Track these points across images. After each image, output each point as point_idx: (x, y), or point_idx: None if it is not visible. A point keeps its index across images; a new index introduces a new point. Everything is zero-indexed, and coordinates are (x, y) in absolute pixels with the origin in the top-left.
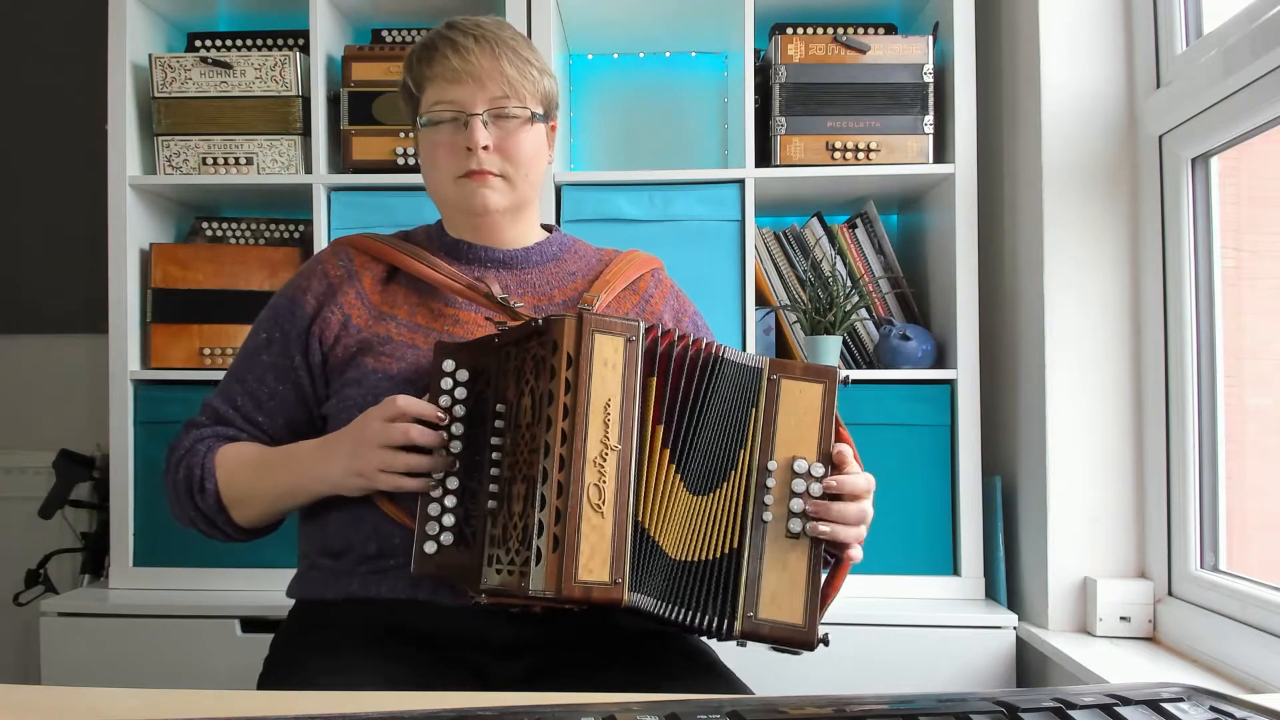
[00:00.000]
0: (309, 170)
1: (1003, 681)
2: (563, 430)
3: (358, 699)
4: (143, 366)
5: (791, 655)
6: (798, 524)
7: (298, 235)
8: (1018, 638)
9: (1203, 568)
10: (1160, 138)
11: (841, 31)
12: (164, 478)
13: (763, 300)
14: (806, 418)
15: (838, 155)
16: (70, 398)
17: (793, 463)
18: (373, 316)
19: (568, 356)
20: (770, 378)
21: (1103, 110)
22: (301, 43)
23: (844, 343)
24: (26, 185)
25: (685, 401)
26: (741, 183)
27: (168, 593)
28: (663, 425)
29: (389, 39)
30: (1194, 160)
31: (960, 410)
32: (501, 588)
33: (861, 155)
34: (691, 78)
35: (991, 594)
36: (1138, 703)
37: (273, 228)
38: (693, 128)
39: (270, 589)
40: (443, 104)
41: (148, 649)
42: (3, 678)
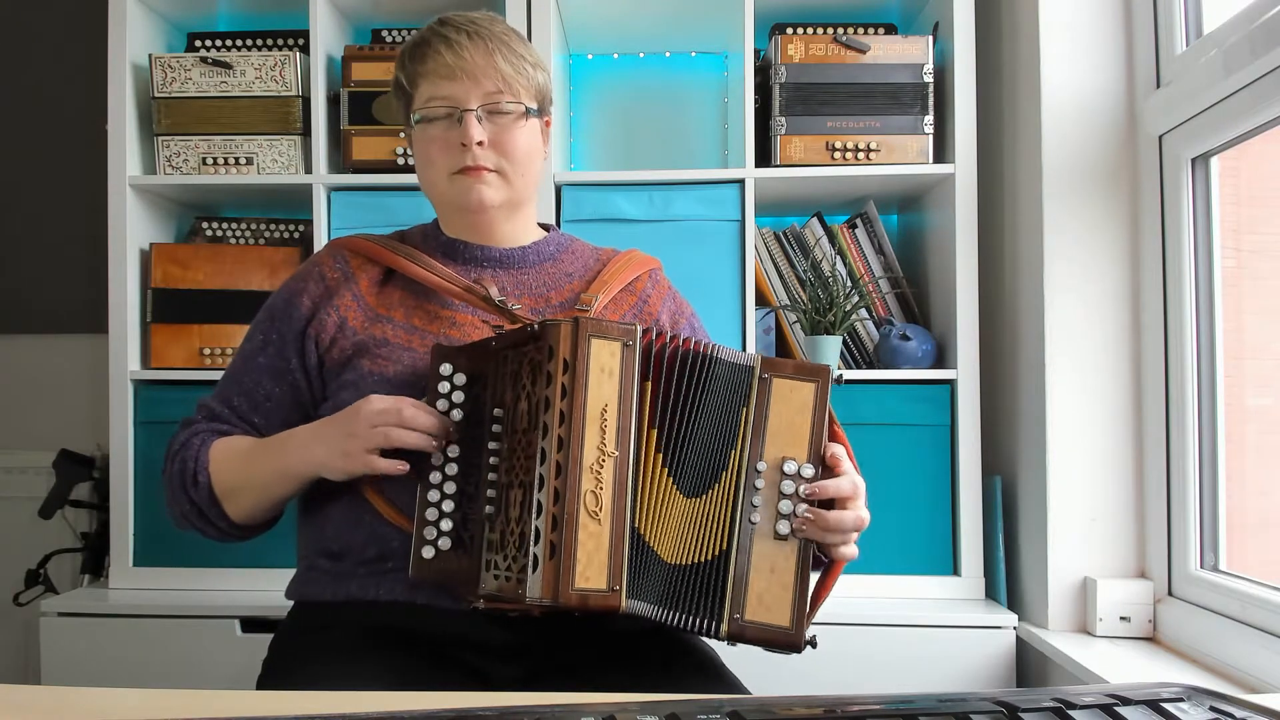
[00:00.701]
0: (309, 170)
1: (1003, 681)
2: (559, 436)
3: (357, 699)
4: (143, 366)
5: (784, 655)
6: (786, 526)
7: (298, 235)
8: (1018, 638)
9: (1203, 568)
10: (1160, 138)
11: (841, 31)
12: (162, 475)
13: (763, 300)
14: (798, 417)
15: (838, 155)
16: (70, 398)
17: (782, 463)
18: (369, 319)
19: (564, 362)
20: (762, 376)
21: (1103, 110)
22: (301, 43)
23: (844, 343)
24: (26, 185)
25: (678, 404)
26: (741, 183)
27: (168, 593)
28: (656, 429)
29: (389, 39)
30: (1194, 160)
31: (960, 410)
32: (499, 594)
33: (861, 155)
34: (691, 78)
35: (991, 594)
36: (1138, 703)
37: (273, 228)
38: (693, 128)
39: (270, 589)
40: (436, 100)
41: (148, 649)
42: (3, 678)
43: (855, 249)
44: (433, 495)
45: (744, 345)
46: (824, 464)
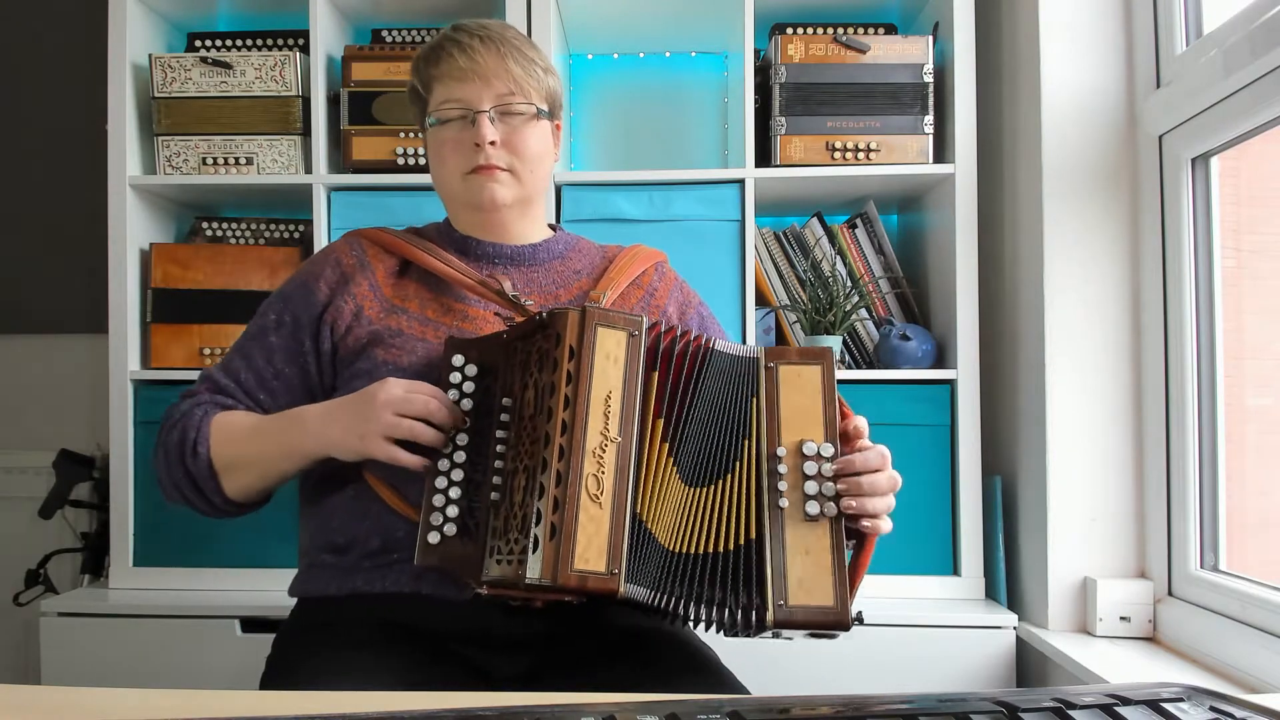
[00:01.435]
0: (309, 170)
1: (1003, 681)
2: (563, 421)
3: (358, 699)
4: (143, 366)
5: (828, 639)
6: (815, 506)
7: (298, 235)
8: (1018, 638)
9: (1202, 568)
10: (1160, 138)
11: (841, 31)
12: (155, 444)
13: (763, 300)
14: (809, 400)
15: (838, 155)
16: (70, 398)
17: (801, 445)
18: (384, 309)
19: (570, 349)
20: (768, 365)
21: (1103, 110)
22: (301, 43)
23: (844, 343)
24: (26, 185)
25: (684, 395)
26: (741, 183)
27: (168, 593)
28: (663, 419)
29: (389, 39)
30: (1194, 160)
31: (960, 410)
32: (501, 578)
33: (861, 155)
34: (691, 78)
35: (991, 594)
36: (1138, 703)
37: (273, 228)
38: (693, 128)
39: (270, 589)
40: (450, 102)
41: (148, 649)
42: (3, 678)
43: (855, 249)
44: (440, 482)
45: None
46: (845, 439)
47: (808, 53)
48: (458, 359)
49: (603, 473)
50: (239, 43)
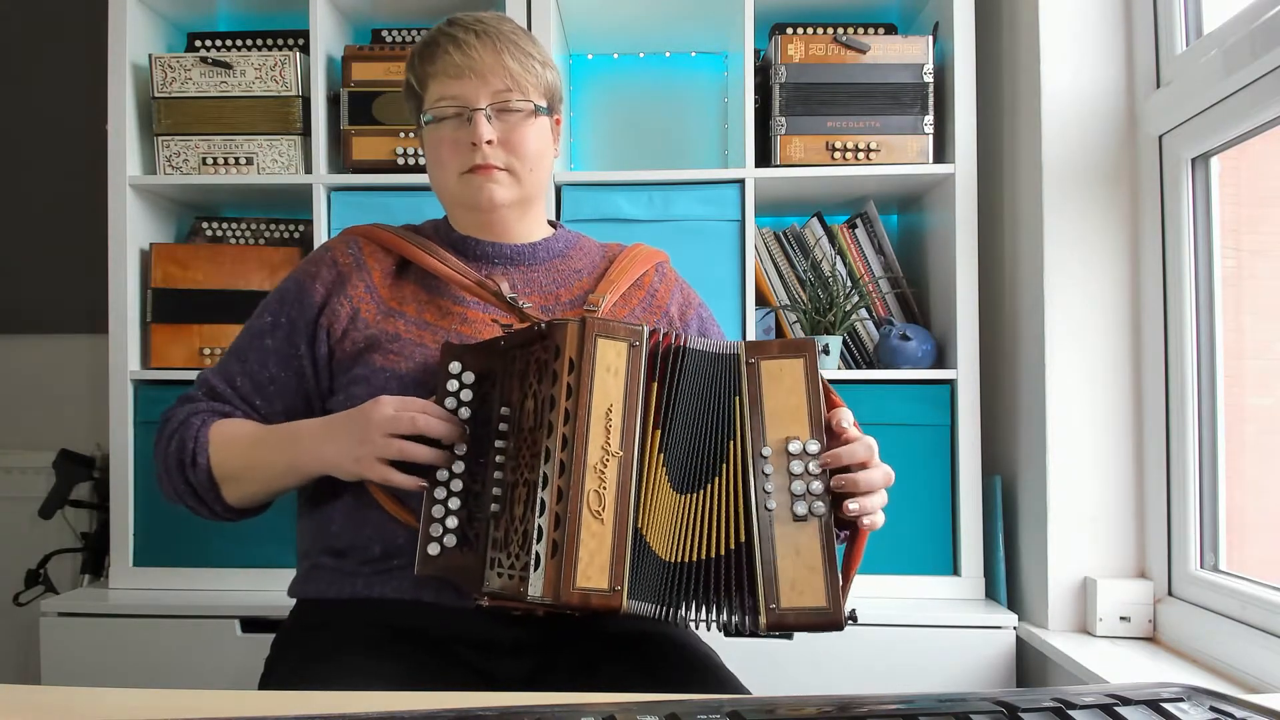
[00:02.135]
0: (309, 170)
1: (1003, 681)
2: (563, 435)
3: (358, 699)
4: (143, 366)
5: (835, 631)
6: (803, 506)
7: (298, 235)
8: (1018, 638)
9: (1202, 568)
10: (1160, 138)
11: (841, 31)
12: (154, 449)
13: (763, 300)
14: (792, 396)
15: (838, 155)
16: (70, 398)
17: (787, 444)
18: (381, 312)
19: (570, 361)
20: (748, 361)
21: (1103, 110)
22: (301, 43)
23: (844, 343)
24: (26, 185)
25: (669, 400)
26: (741, 183)
27: (168, 593)
28: (661, 430)
29: (389, 39)
30: (1194, 160)
31: (960, 410)
32: (502, 591)
33: (861, 155)
34: (691, 78)
35: (991, 594)
36: (1138, 703)
37: (273, 228)
38: (693, 128)
39: (270, 589)
40: (446, 100)
41: (148, 649)
42: (3, 678)
43: (855, 249)
44: (439, 493)
45: None
46: (830, 433)
47: (808, 53)
48: (454, 366)
49: (604, 488)
50: (239, 43)
